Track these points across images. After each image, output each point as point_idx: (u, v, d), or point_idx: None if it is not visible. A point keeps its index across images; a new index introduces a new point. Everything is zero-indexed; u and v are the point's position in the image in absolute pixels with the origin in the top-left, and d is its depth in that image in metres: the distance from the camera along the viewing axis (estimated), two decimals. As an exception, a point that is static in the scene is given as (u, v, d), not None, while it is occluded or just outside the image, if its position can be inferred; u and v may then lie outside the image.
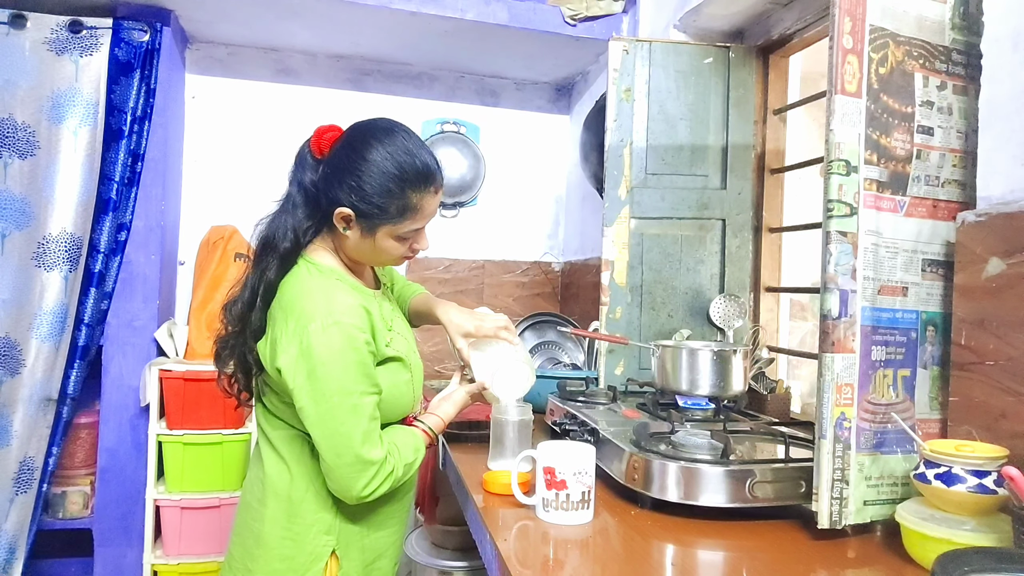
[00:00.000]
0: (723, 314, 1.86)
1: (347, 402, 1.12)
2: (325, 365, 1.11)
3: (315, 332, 1.11)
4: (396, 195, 1.15)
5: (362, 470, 1.13)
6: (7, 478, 2.14)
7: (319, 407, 1.12)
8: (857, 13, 1.01)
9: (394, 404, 1.24)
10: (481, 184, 3.03)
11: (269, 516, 1.20)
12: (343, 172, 1.16)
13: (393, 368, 1.24)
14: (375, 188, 1.14)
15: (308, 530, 1.19)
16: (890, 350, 1.05)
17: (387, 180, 1.14)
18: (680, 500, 1.07)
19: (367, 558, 1.24)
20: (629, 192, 1.86)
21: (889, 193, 1.05)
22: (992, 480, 0.89)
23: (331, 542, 1.20)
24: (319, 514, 1.20)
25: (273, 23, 2.50)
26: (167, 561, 2.28)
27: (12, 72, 2.17)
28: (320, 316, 1.12)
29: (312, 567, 1.18)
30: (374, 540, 1.26)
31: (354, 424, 1.12)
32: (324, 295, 1.15)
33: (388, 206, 1.16)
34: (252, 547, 1.22)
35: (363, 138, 1.17)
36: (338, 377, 1.11)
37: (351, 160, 1.16)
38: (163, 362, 2.30)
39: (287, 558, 1.19)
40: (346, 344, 1.12)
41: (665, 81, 1.88)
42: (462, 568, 1.94)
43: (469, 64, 2.89)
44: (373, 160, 1.14)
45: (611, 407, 1.53)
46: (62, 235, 2.19)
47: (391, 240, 1.20)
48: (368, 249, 1.22)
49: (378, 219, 1.17)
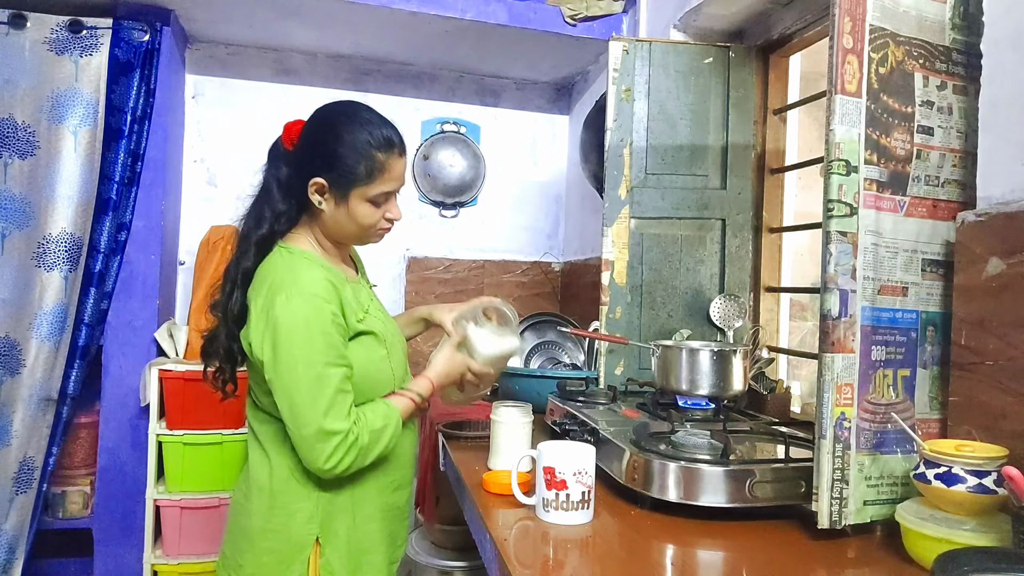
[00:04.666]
0: (723, 314, 1.86)
1: (311, 372, 1.13)
2: (289, 335, 1.13)
3: (280, 304, 1.14)
4: (363, 155, 1.22)
5: (324, 441, 1.13)
6: (7, 478, 2.14)
7: (283, 378, 1.14)
8: (857, 13, 1.01)
9: (371, 380, 1.24)
10: (481, 184, 3.03)
11: (253, 510, 1.22)
12: (312, 147, 1.24)
13: (367, 343, 1.25)
14: (343, 151, 1.21)
15: (291, 520, 1.20)
16: (890, 350, 1.05)
17: (353, 143, 1.22)
18: (680, 500, 1.07)
19: (353, 549, 1.23)
20: (629, 192, 1.86)
21: (889, 193, 1.05)
22: (992, 480, 0.89)
23: (314, 530, 1.20)
24: (300, 504, 1.20)
25: (273, 23, 2.50)
26: (167, 561, 2.28)
27: (12, 72, 2.17)
28: (286, 288, 1.16)
29: (298, 556, 1.19)
30: (363, 532, 1.24)
31: (318, 394, 1.13)
32: (290, 270, 1.20)
33: (357, 167, 1.22)
34: (240, 542, 1.24)
35: (327, 115, 1.27)
36: (302, 347, 1.13)
37: (318, 134, 1.24)
38: (163, 362, 2.30)
39: (273, 551, 1.20)
40: (311, 314, 1.15)
41: (665, 81, 1.88)
42: (462, 568, 1.94)
43: (469, 64, 2.89)
44: (338, 130, 1.23)
45: (611, 407, 1.53)
46: (62, 235, 2.19)
47: (365, 205, 1.25)
48: (344, 218, 1.25)
49: (349, 181, 1.22)
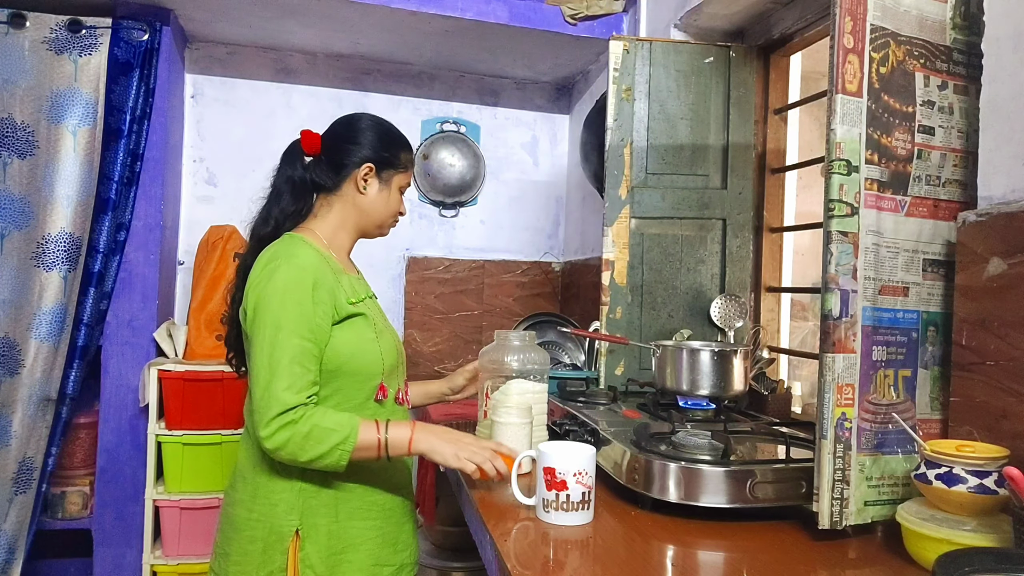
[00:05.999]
0: (724, 314, 1.85)
1: (275, 336, 1.15)
2: (266, 299, 1.17)
3: (268, 271, 1.19)
4: (402, 147, 1.38)
5: (267, 402, 1.12)
6: (6, 478, 2.14)
7: (254, 340, 1.17)
8: (858, 13, 1.01)
9: (358, 361, 1.23)
10: (481, 184, 3.03)
11: (238, 499, 1.25)
12: (351, 142, 1.33)
13: (357, 324, 1.26)
14: (389, 142, 1.35)
15: (273, 509, 1.21)
16: (891, 350, 1.05)
17: (392, 136, 1.37)
18: (680, 501, 1.07)
19: (334, 545, 1.22)
20: (629, 192, 1.86)
21: (890, 193, 1.05)
22: (993, 480, 0.89)
23: (295, 521, 1.20)
24: (282, 494, 1.21)
25: (273, 22, 2.50)
26: (166, 561, 2.28)
27: (11, 72, 2.16)
28: (277, 259, 1.21)
29: (278, 546, 1.20)
30: (345, 528, 1.23)
31: (274, 358, 1.13)
32: (287, 247, 1.24)
33: (400, 154, 1.36)
34: (228, 531, 1.26)
35: (356, 118, 1.38)
36: (274, 311, 1.16)
37: (355, 133, 1.34)
38: (162, 362, 2.29)
39: (256, 539, 1.21)
40: (291, 283, 1.17)
41: (665, 81, 1.88)
42: (462, 569, 1.94)
43: (469, 63, 2.89)
44: (380, 127, 1.36)
45: (611, 407, 1.53)
46: (61, 235, 2.19)
47: (396, 192, 1.37)
48: (382, 203, 1.35)
49: (393, 167, 1.35)
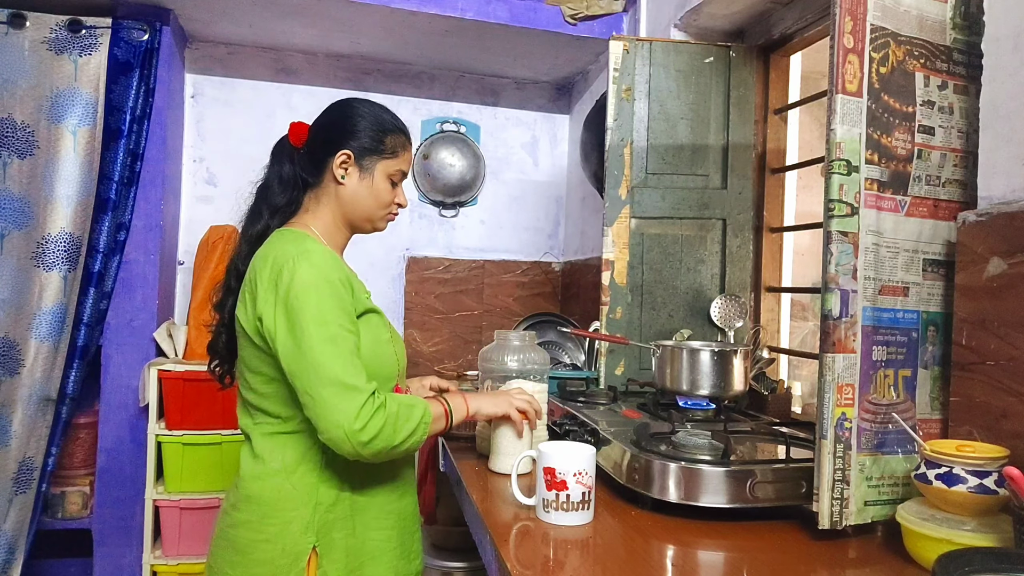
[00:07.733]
0: (724, 314, 1.85)
1: (324, 332, 1.09)
2: (299, 298, 1.11)
3: (287, 271, 1.13)
4: (388, 130, 1.28)
5: (348, 398, 1.06)
6: (6, 478, 2.14)
7: (296, 341, 1.09)
8: (858, 12, 1.01)
9: (376, 362, 1.20)
10: (481, 184, 3.03)
11: (242, 520, 1.17)
12: (335, 125, 1.27)
13: (374, 322, 1.23)
14: (368, 124, 1.27)
15: (285, 529, 1.14)
16: (891, 350, 1.05)
17: (377, 118, 1.28)
18: (681, 501, 1.07)
19: (352, 559, 1.18)
20: (629, 192, 1.86)
21: (890, 193, 1.05)
22: (993, 480, 0.89)
23: (311, 539, 1.14)
24: (296, 511, 1.15)
25: (273, 22, 2.50)
26: (166, 561, 2.28)
27: (11, 71, 2.16)
28: (291, 258, 1.14)
29: (293, 567, 1.13)
30: (362, 541, 1.19)
31: (333, 353, 1.08)
32: (295, 243, 1.18)
33: (383, 138, 1.28)
34: (231, 554, 1.18)
35: (344, 102, 1.32)
36: (314, 307, 1.10)
37: (341, 115, 1.28)
38: (162, 362, 2.29)
39: (265, 562, 1.14)
40: (319, 277, 1.13)
41: (665, 80, 1.88)
42: (462, 569, 1.93)
43: (469, 63, 2.89)
44: (361, 110, 1.29)
45: (611, 407, 1.53)
46: (61, 235, 2.19)
47: (386, 181, 1.29)
48: (366, 193, 1.28)
49: (376, 153, 1.27)
